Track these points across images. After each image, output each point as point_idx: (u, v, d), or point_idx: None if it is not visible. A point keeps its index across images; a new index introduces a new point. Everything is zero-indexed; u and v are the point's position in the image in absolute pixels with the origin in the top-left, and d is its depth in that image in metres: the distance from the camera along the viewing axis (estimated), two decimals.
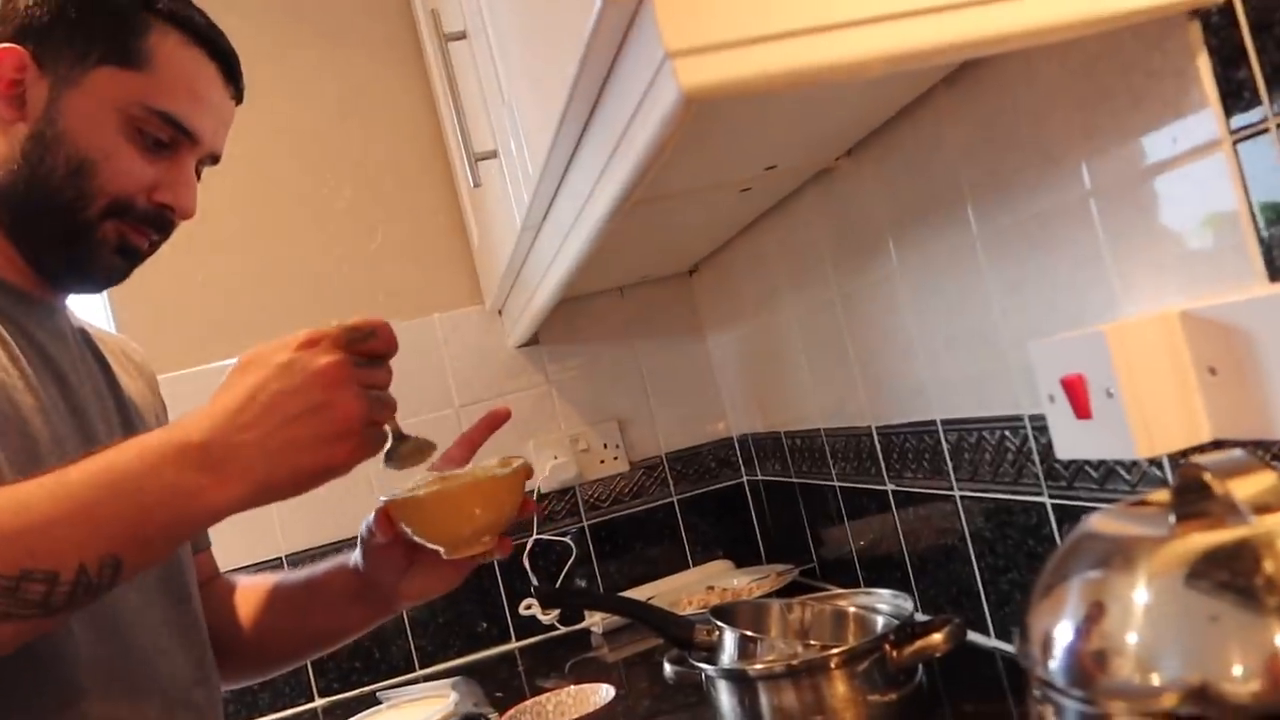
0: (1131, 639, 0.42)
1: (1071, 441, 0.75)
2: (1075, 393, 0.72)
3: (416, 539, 0.80)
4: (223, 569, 1.04)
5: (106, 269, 0.82)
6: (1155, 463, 0.76)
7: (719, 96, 0.56)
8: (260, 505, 0.67)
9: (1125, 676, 0.41)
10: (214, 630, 0.90)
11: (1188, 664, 0.40)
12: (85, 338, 0.90)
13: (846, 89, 0.85)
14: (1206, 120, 0.66)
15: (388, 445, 0.80)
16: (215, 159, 0.87)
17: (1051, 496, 0.91)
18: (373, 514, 0.83)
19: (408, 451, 0.79)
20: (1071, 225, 0.80)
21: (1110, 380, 0.68)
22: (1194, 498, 0.46)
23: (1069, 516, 0.89)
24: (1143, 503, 0.50)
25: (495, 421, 0.87)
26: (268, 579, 0.98)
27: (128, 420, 0.88)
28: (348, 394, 0.66)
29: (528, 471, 0.82)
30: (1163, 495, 0.49)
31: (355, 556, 0.89)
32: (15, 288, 0.80)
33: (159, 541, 0.64)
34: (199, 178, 0.87)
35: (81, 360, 0.87)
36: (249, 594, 0.97)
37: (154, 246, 0.85)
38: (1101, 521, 0.49)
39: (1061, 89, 0.78)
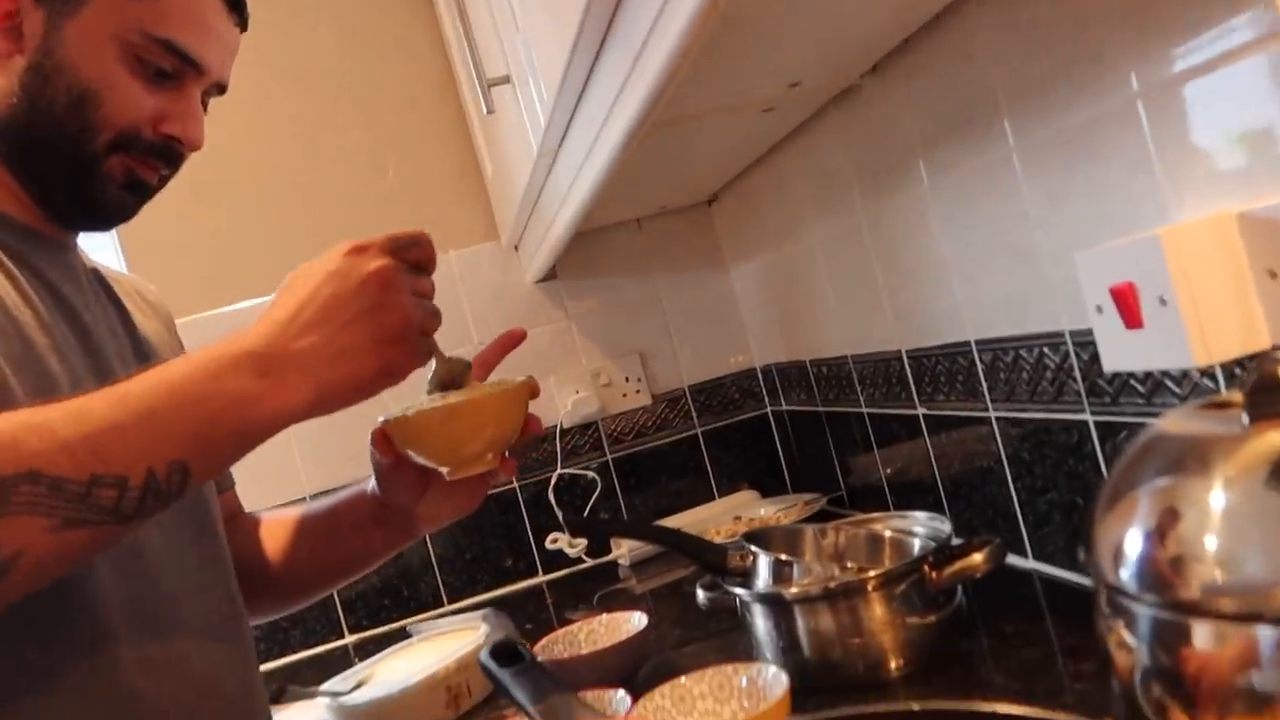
0: (1210, 544, 0.40)
1: (1120, 353, 0.72)
2: (1125, 302, 0.69)
3: (418, 460, 0.79)
4: (247, 510, 1.04)
5: (115, 205, 0.80)
6: (1208, 373, 0.73)
7: None
8: (321, 413, 0.66)
9: (1206, 582, 0.39)
10: (241, 566, 0.90)
11: (1271, 566, 0.38)
12: (98, 278, 0.88)
13: None
14: (1263, 13, 0.62)
15: (431, 364, 0.78)
16: (222, 89, 0.85)
17: (1094, 414, 0.89)
18: (369, 436, 0.82)
19: (447, 372, 0.77)
20: (1118, 131, 0.76)
21: (1164, 287, 0.66)
22: (1268, 396, 0.43)
23: (1112, 434, 0.87)
24: (1213, 404, 0.48)
25: (510, 342, 0.85)
26: (291, 511, 0.97)
27: (144, 360, 0.87)
28: (402, 297, 0.67)
29: (531, 389, 0.79)
30: (1234, 395, 0.47)
31: (371, 482, 0.88)
32: (25, 226, 0.78)
33: (225, 448, 0.64)
34: (205, 109, 0.84)
35: (95, 300, 0.85)
36: (274, 527, 0.97)
37: (163, 181, 0.83)
38: (1171, 424, 0.47)
39: None
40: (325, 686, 1.13)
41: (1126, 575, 0.43)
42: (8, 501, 0.54)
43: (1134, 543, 0.43)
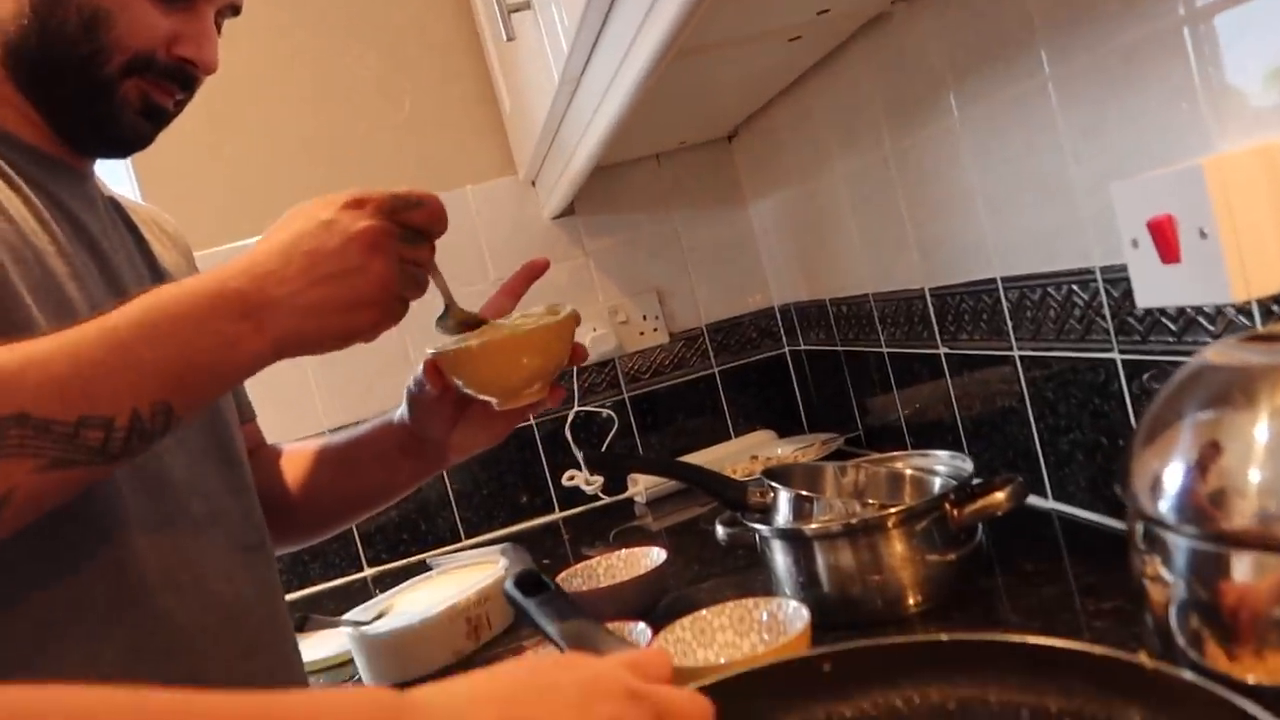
0: (1254, 476, 0.39)
1: (1155, 289, 0.71)
2: (1163, 235, 0.67)
3: (467, 391, 0.80)
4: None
5: (132, 131, 0.79)
6: (1243, 309, 0.71)
7: None
8: (288, 357, 0.67)
9: (1247, 514, 0.39)
10: (263, 496, 0.90)
11: None
12: (115, 206, 0.88)
13: None
14: None
15: (439, 314, 0.79)
16: (236, 10, 0.83)
17: (1122, 352, 0.87)
18: (421, 367, 0.82)
19: (456, 324, 0.78)
20: (1161, 58, 0.74)
21: (1205, 219, 0.64)
22: None
23: (1140, 372, 0.86)
24: (1256, 337, 0.47)
25: (534, 271, 0.85)
26: (313, 443, 0.98)
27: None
28: (382, 262, 0.67)
29: (576, 319, 0.81)
30: (1276, 328, 0.46)
31: (401, 412, 0.89)
32: (43, 153, 0.77)
33: (205, 386, 0.64)
34: (220, 31, 0.82)
35: (113, 228, 0.84)
36: (296, 458, 0.97)
37: (180, 106, 0.81)
38: (1216, 355, 0.45)
39: None
40: (347, 616, 1.14)
41: (1165, 507, 0.42)
42: (0, 444, 0.55)
43: (1175, 475, 0.42)
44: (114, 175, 1.54)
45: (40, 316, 0.68)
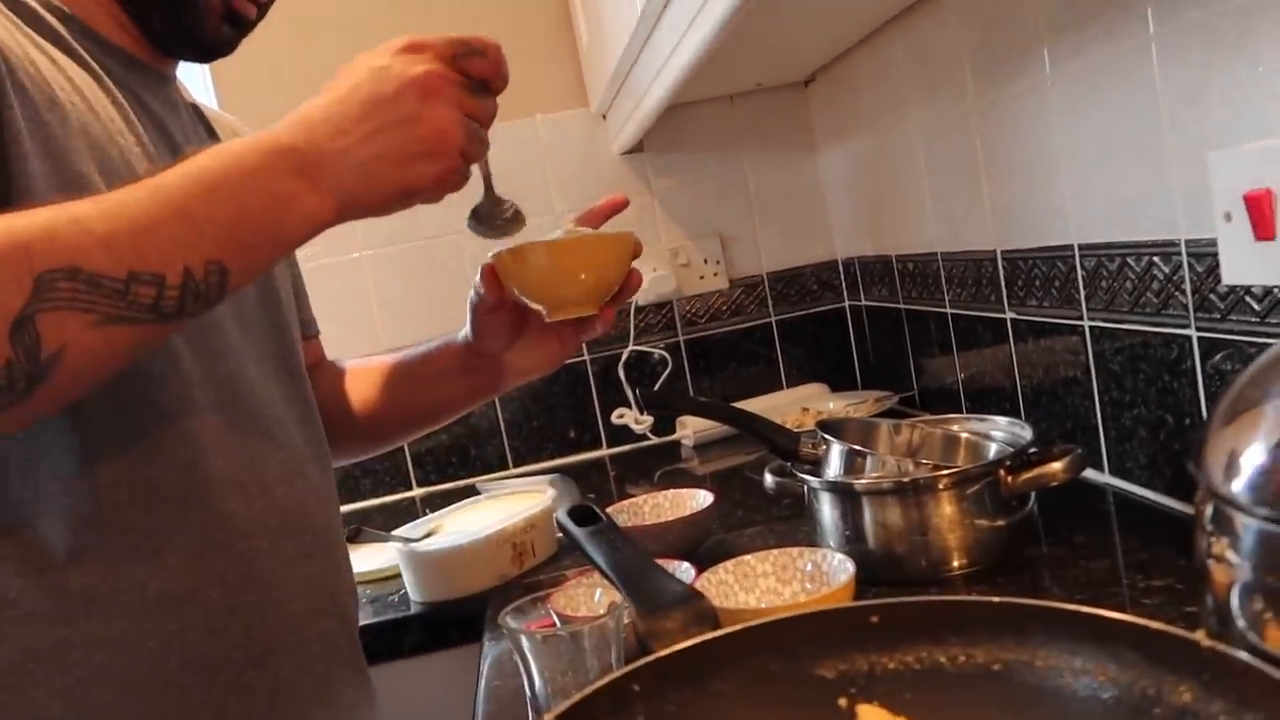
0: None
1: (1244, 266, 0.68)
2: (1260, 210, 0.65)
3: (521, 298, 0.80)
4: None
5: (214, 37, 0.79)
6: None
7: None
8: (350, 219, 0.64)
9: None
10: (326, 409, 0.92)
11: None
12: (198, 112, 0.89)
13: None
14: None
15: (477, 203, 0.78)
16: None
17: (1200, 329, 0.85)
18: (478, 271, 0.82)
19: (490, 212, 0.77)
20: (1276, 20, 0.70)
21: None
22: None
23: (1216, 351, 0.83)
24: None
25: (614, 207, 0.85)
26: (379, 359, 1.00)
27: None
28: (443, 110, 0.62)
29: (637, 246, 0.81)
30: None
31: (464, 331, 0.90)
32: (130, 55, 0.78)
33: (260, 247, 0.62)
34: None
35: (195, 133, 0.85)
36: (359, 373, 0.99)
37: (263, 10, 0.81)
38: None
39: None
40: (397, 532, 1.17)
41: (1239, 487, 0.41)
42: (48, 296, 0.53)
43: (1253, 456, 0.41)
44: (193, 83, 1.56)
45: None
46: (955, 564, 0.87)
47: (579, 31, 1.67)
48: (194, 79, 1.59)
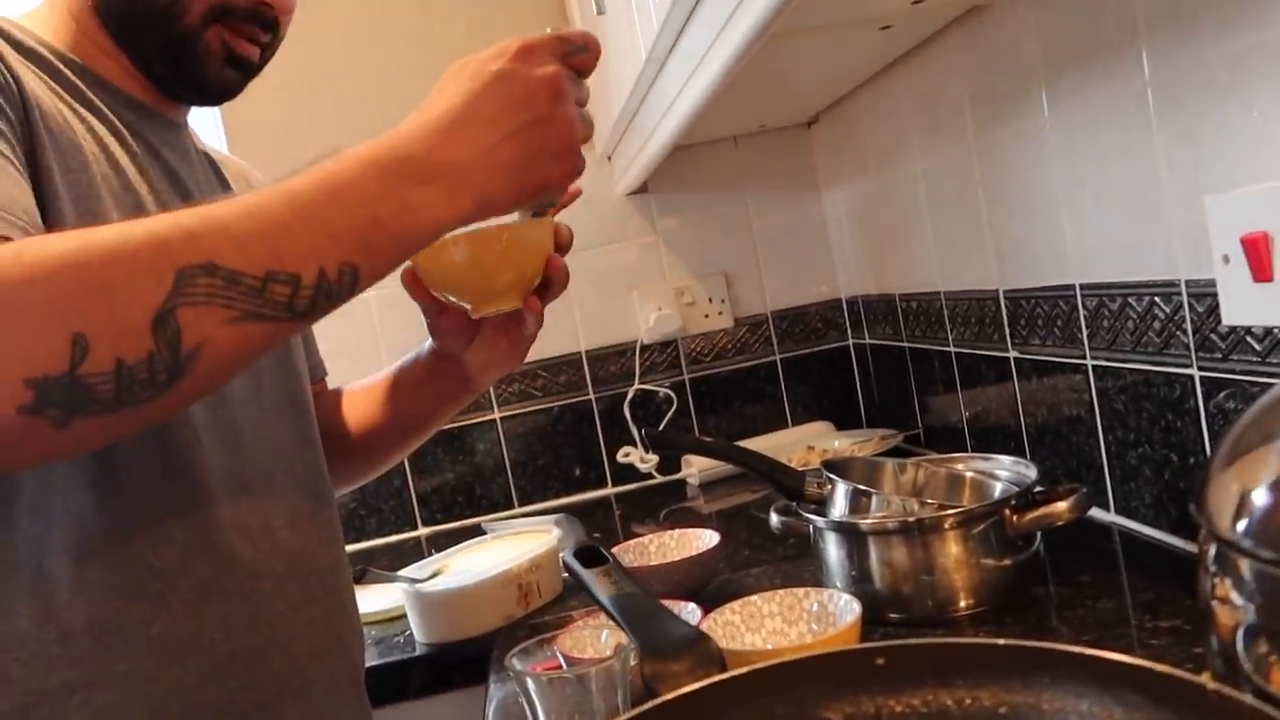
0: None
1: (1244, 307, 0.69)
2: (1257, 252, 0.66)
3: (447, 298, 0.78)
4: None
5: (219, 81, 0.80)
6: None
7: None
8: (483, 219, 0.66)
9: None
10: (326, 437, 0.93)
11: None
12: (208, 158, 0.90)
13: None
14: None
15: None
16: None
17: (1202, 369, 0.85)
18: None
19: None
20: (1271, 67, 0.71)
21: None
22: None
23: (1218, 391, 0.84)
24: None
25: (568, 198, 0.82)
26: (367, 380, 1.00)
27: None
28: (570, 109, 0.64)
29: (563, 234, 0.78)
30: None
31: (429, 340, 0.89)
32: (141, 103, 0.80)
33: (389, 252, 0.62)
34: None
35: (205, 179, 0.86)
36: (351, 395, 1.00)
37: (267, 50, 0.82)
38: None
39: None
40: (403, 573, 1.17)
41: (1241, 530, 0.41)
42: (187, 291, 0.54)
43: (1255, 498, 0.41)
44: (204, 127, 1.58)
45: None
46: (962, 604, 0.87)
47: None
48: (206, 123, 1.61)
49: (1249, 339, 0.78)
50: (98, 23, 0.77)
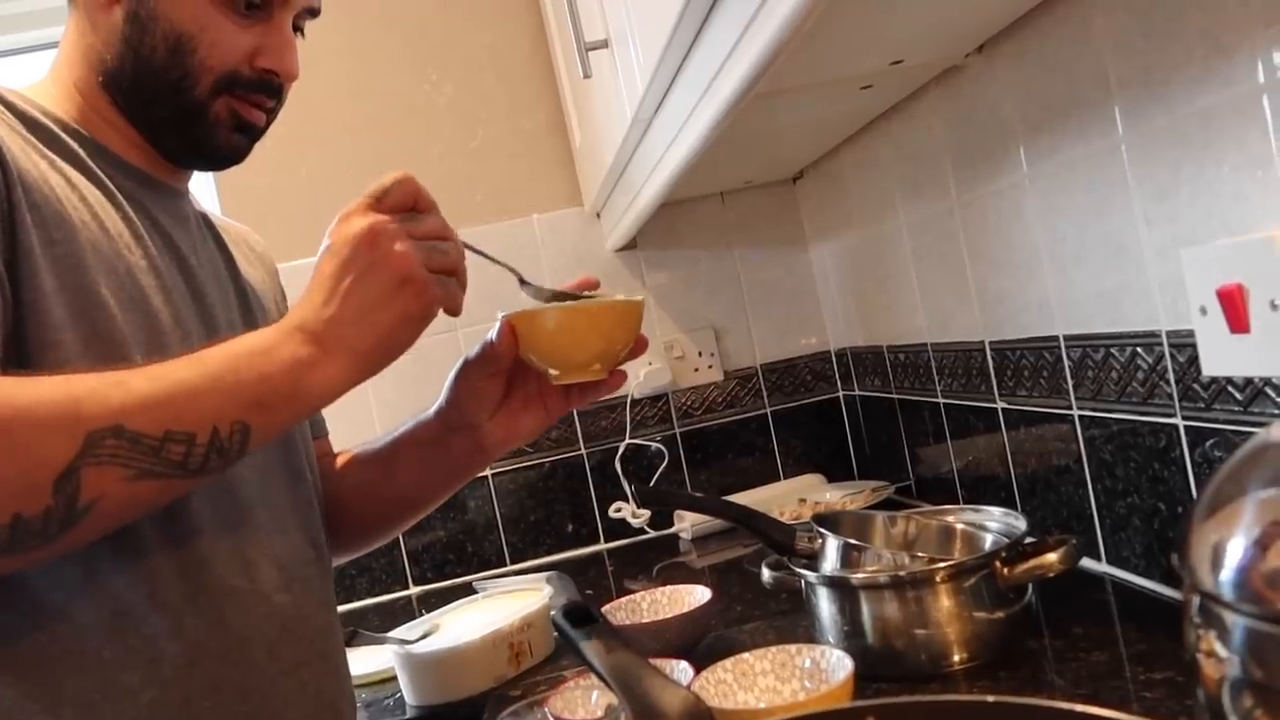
0: None
1: (1222, 357, 0.70)
2: (1233, 304, 0.67)
3: (531, 357, 0.81)
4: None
5: (226, 148, 0.82)
6: None
7: None
8: (369, 376, 0.71)
9: None
10: (326, 505, 0.92)
11: None
12: (207, 223, 0.91)
13: None
14: None
15: (534, 285, 0.82)
16: (314, 12, 0.85)
17: (1185, 418, 0.86)
18: (495, 327, 0.82)
19: (538, 290, 0.82)
20: (1239, 124, 0.73)
21: (1276, 290, 0.63)
22: None
23: (1203, 440, 0.85)
24: None
25: (587, 286, 0.85)
26: (367, 444, 0.98)
27: (246, 304, 0.89)
28: (391, 246, 0.69)
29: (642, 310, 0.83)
30: None
31: (439, 402, 0.89)
32: (140, 171, 0.81)
33: (281, 411, 0.68)
34: (303, 34, 0.85)
35: (203, 245, 0.87)
36: (347, 463, 0.98)
37: (272, 115, 0.84)
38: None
39: None
40: (393, 634, 1.16)
41: (1224, 583, 0.41)
42: (95, 453, 0.59)
43: (1235, 551, 0.41)
44: (195, 189, 1.60)
45: (125, 326, 0.71)
46: (956, 659, 0.86)
47: (572, 133, 1.72)
48: (196, 184, 1.63)
49: (1230, 389, 0.79)
50: (104, 95, 0.79)
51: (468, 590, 1.46)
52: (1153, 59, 0.81)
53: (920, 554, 0.94)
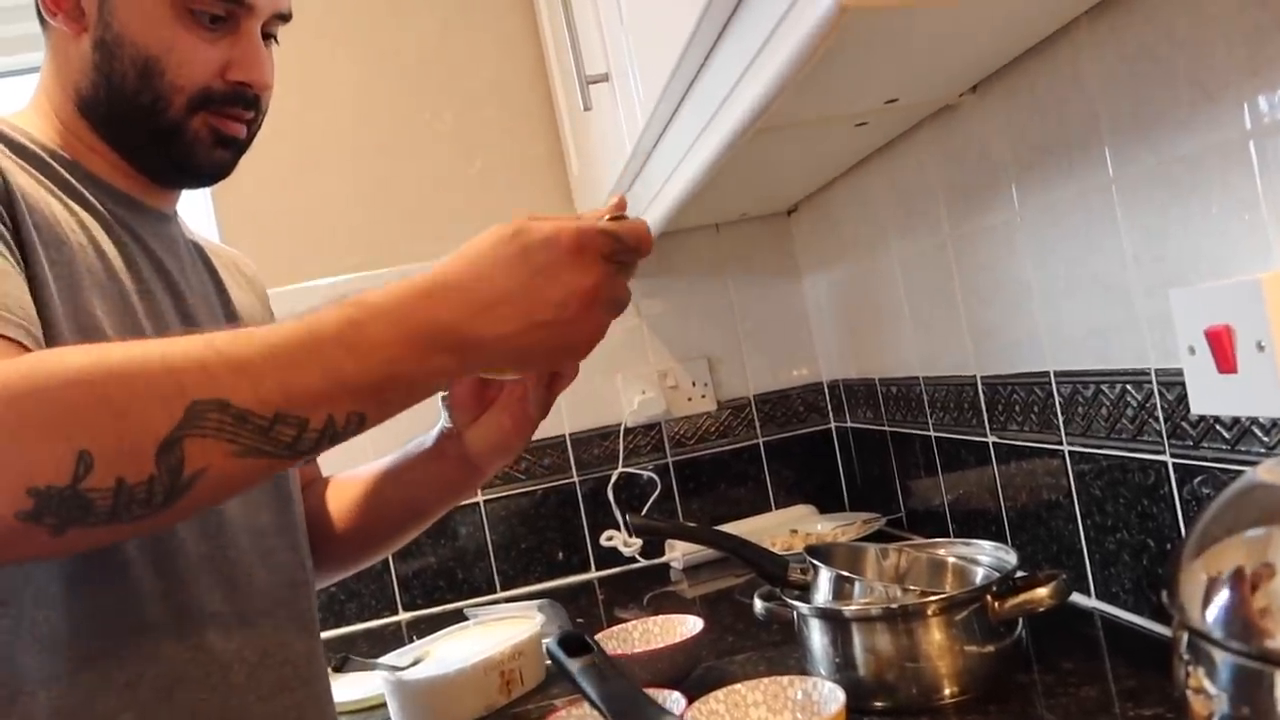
0: None
1: (1210, 397, 0.71)
2: (1220, 345, 0.68)
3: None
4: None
5: (210, 164, 0.81)
6: None
7: (873, 4, 0.53)
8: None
9: None
10: (311, 526, 0.92)
11: None
12: (197, 249, 0.92)
13: (993, 8, 0.80)
14: None
15: None
16: (285, 18, 0.83)
17: (1174, 456, 0.87)
18: None
19: None
20: (1226, 168, 0.75)
21: (1262, 332, 0.64)
22: None
23: (1191, 477, 0.86)
24: None
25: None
26: (358, 469, 0.98)
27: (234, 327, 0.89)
28: (598, 314, 0.64)
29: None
30: None
31: (435, 429, 0.88)
32: (128, 196, 0.81)
33: (399, 405, 0.63)
34: (276, 40, 0.84)
35: (193, 269, 0.88)
36: (339, 484, 0.98)
37: (252, 127, 0.83)
38: (1268, 472, 0.46)
39: (1228, 18, 0.72)
40: (383, 660, 1.15)
41: (1212, 620, 0.42)
42: (198, 425, 0.56)
43: (1223, 589, 0.42)
44: (195, 215, 1.61)
45: None
46: (947, 692, 0.87)
47: (570, 165, 1.74)
48: (196, 210, 1.64)
49: (1218, 427, 0.80)
50: (82, 121, 0.79)
51: (458, 617, 1.46)
52: (1142, 103, 0.83)
53: (912, 587, 0.94)
